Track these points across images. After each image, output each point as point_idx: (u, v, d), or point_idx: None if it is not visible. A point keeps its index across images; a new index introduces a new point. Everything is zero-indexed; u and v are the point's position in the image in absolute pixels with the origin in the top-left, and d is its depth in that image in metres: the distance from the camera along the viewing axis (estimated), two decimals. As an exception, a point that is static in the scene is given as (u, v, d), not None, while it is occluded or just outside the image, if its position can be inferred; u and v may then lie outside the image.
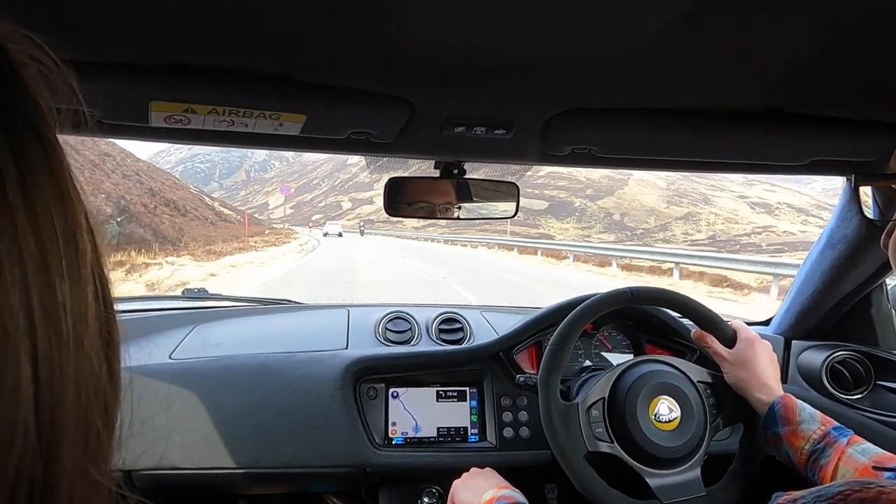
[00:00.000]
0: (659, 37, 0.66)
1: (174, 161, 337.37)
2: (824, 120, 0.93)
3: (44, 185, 0.23)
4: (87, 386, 0.24)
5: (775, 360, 1.09)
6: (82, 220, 0.25)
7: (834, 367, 1.35)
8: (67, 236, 0.23)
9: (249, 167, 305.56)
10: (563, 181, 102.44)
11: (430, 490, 1.28)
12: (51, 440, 0.22)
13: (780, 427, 0.97)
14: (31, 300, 0.21)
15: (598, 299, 1.17)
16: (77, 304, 0.23)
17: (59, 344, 0.22)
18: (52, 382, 0.22)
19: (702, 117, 0.92)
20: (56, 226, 0.23)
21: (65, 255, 0.23)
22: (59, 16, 0.62)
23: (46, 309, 0.22)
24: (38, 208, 0.22)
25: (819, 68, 0.76)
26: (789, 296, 1.48)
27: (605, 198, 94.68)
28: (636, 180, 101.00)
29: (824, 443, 0.93)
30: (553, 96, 0.87)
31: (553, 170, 17.65)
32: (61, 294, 0.22)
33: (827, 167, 1.14)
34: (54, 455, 0.22)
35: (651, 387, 1.08)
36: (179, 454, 1.13)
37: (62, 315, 0.22)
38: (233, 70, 0.76)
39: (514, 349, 1.33)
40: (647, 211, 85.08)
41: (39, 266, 0.22)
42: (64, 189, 0.24)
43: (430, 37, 0.68)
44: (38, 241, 0.22)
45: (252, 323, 1.60)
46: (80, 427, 0.24)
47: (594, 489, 1.04)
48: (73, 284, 0.23)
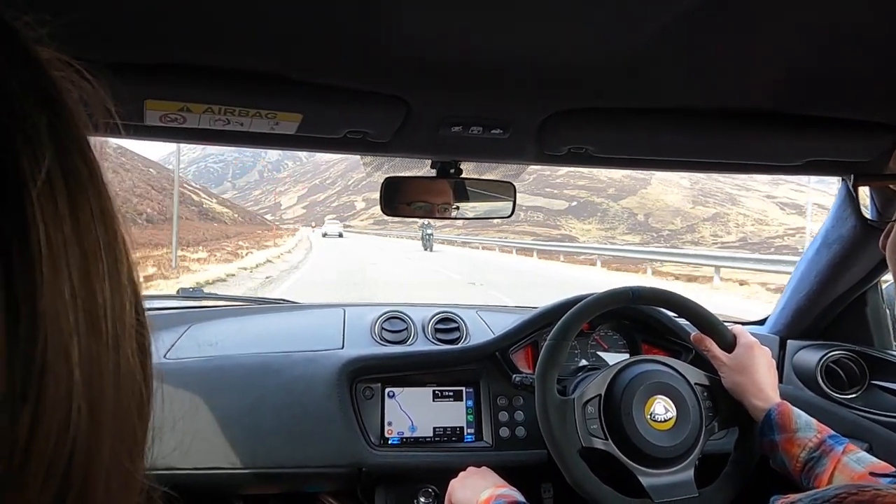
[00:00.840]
0: (656, 38, 0.66)
1: (187, 161, 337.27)
2: (819, 120, 0.94)
3: (88, 201, 0.25)
4: (124, 383, 0.26)
5: (773, 366, 1.09)
6: (120, 234, 0.27)
7: (829, 366, 1.36)
8: (108, 248, 0.25)
9: (262, 167, 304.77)
10: (584, 180, 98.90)
11: (426, 490, 1.28)
12: (92, 436, 0.24)
13: (777, 434, 0.97)
14: (77, 304, 0.23)
15: (600, 297, 1.18)
16: (116, 309, 0.25)
17: (99, 343, 0.24)
18: (92, 377, 0.24)
19: (698, 117, 0.93)
20: (98, 237, 0.25)
21: (106, 263, 0.25)
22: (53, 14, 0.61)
23: (88, 311, 0.24)
24: (82, 221, 0.24)
25: (814, 69, 0.77)
26: (784, 295, 1.48)
27: (627, 197, 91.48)
28: (659, 179, 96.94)
29: (820, 451, 0.93)
30: (549, 96, 0.87)
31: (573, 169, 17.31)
32: (102, 299, 0.24)
33: (822, 167, 1.14)
34: (95, 451, 0.24)
35: (648, 386, 1.08)
36: (174, 454, 1.12)
37: (102, 318, 0.24)
38: (229, 69, 0.76)
39: (510, 349, 1.33)
40: (672, 211, 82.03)
41: (83, 274, 0.24)
42: (105, 206, 0.26)
43: (426, 36, 0.67)
44: (82, 251, 0.24)
45: (247, 322, 1.60)
46: (118, 421, 0.26)
47: (587, 485, 1.04)
48: (113, 291, 0.25)
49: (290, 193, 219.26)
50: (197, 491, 1.18)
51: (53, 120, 0.24)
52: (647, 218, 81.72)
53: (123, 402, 0.26)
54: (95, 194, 0.25)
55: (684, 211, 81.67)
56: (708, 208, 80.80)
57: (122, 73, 0.73)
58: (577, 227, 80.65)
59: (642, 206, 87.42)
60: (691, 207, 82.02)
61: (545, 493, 1.34)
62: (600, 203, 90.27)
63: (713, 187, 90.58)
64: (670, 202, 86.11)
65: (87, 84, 0.27)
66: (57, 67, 0.26)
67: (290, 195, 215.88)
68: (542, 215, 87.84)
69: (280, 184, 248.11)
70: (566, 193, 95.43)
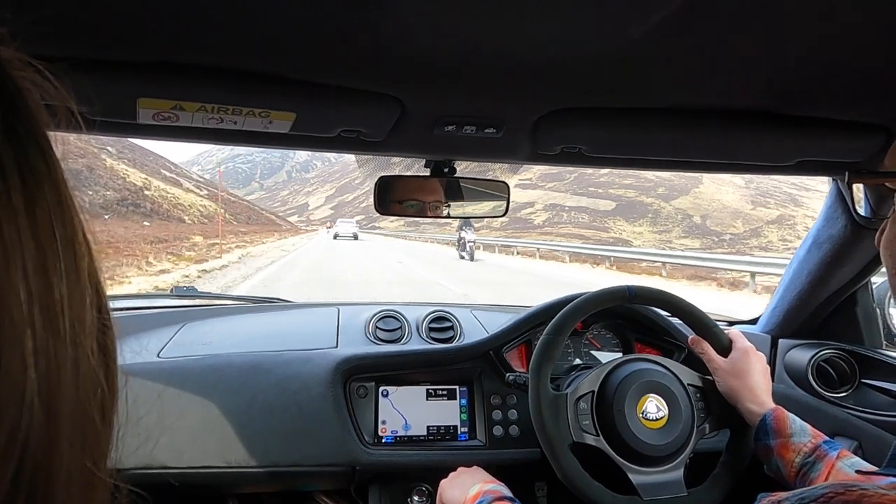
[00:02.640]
0: (648, 37, 0.66)
1: (215, 161, 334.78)
2: (811, 120, 0.94)
3: (44, 194, 0.25)
4: (84, 382, 0.25)
5: (768, 372, 1.10)
6: (80, 231, 0.27)
7: (820, 365, 1.37)
8: (66, 243, 0.25)
9: (291, 167, 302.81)
10: (630, 179, 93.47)
11: (419, 488, 1.28)
12: (49, 432, 0.23)
13: (772, 439, 0.98)
14: (32, 297, 0.23)
15: (596, 295, 1.18)
16: (75, 307, 0.25)
17: (57, 340, 0.24)
18: (49, 373, 0.23)
19: (691, 117, 0.93)
20: (55, 231, 0.25)
21: (63, 259, 0.25)
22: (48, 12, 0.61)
23: (44, 306, 0.23)
24: (38, 213, 0.24)
25: (806, 69, 0.77)
26: (776, 295, 1.49)
27: (679, 197, 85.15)
28: (711, 178, 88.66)
29: (815, 456, 0.93)
30: (543, 96, 0.87)
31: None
32: (59, 294, 0.24)
33: (813, 167, 1.15)
34: (54, 443, 0.23)
35: (640, 384, 1.09)
36: (168, 453, 1.12)
37: (59, 314, 0.24)
38: (221, 68, 0.76)
39: (503, 348, 1.33)
40: (730, 213, 76.00)
41: (39, 266, 0.23)
42: (63, 200, 0.26)
43: (420, 35, 0.68)
44: (38, 243, 0.24)
45: (241, 321, 1.59)
46: (78, 420, 0.25)
47: (576, 480, 1.05)
48: (71, 287, 0.25)
49: (317, 194, 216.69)
50: (191, 490, 1.18)
51: (9, 116, 0.24)
52: (705, 220, 75.22)
53: (83, 402, 0.25)
54: (54, 190, 0.25)
55: (744, 213, 75.49)
56: (770, 210, 75.05)
57: (115, 71, 0.73)
58: (627, 229, 74.30)
59: (697, 206, 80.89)
60: (751, 209, 75.89)
61: (539, 492, 1.35)
62: (650, 203, 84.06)
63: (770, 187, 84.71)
64: (727, 203, 79.89)
65: (49, 84, 0.27)
66: (17, 67, 0.26)
67: (317, 195, 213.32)
68: (588, 216, 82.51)
69: (308, 184, 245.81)
70: (612, 193, 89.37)
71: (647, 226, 76.17)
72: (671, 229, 74.05)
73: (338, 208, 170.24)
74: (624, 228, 74.37)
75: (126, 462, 1.09)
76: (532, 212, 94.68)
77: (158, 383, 1.18)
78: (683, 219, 77.35)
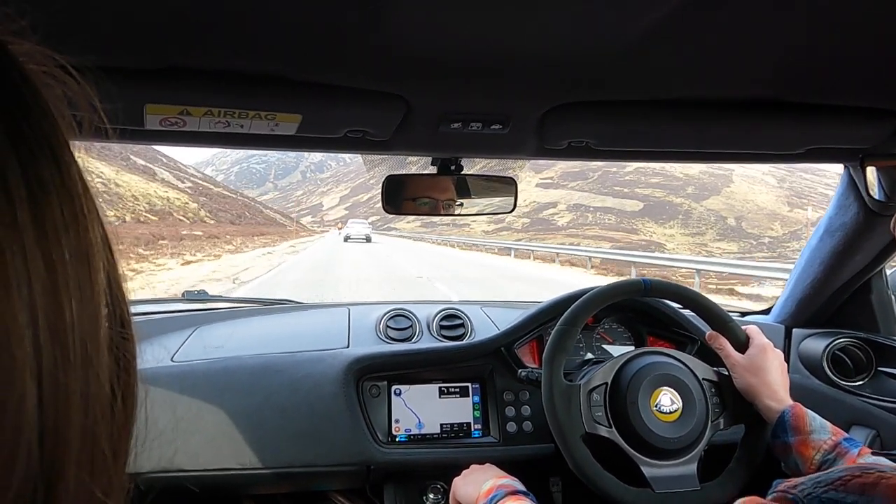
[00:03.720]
0: (654, 29, 0.66)
1: (230, 162, 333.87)
2: (820, 108, 0.93)
3: (55, 205, 0.23)
4: (94, 407, 0.24)
5: (786, 368, 1.09)
6: (97, 240, 0.25)
7: (835, 354, 1.36)
8: (80, 257, 0.23)
9: (305, 168, 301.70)
10: (657, 177, 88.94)
11: (434, 486, 1.28)
12: (55, 461, 0.22)
13: (790, 436, 0.97)
14: (38, 321, 0.21)
15: (612, 287, 1.18)
16: (87, 325, 0.23)
17: (66, 365, 0.22)
18: (57, 402, 0.22)
19: (698, 108, 0.92)
20: (67, 246, 0.23)
21: (75, 276, 0.23)
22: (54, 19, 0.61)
23: (54, 330, 0.22)
24: (48, 229, 0.22)
25: (814, 57, 0.76)
26: (789, 284, 1.48)
27: (710, 197, 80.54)
28: (742, 176, 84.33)
29: (835, 453, 0.92)
30: (548, 90, 0.87)
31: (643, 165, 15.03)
32: (70, 315, 0.22)
33: (823, 155, 1.14)
34: (58, 476, 0.22)
35: (654, 377, 1.09)
36: (184, 456, 1.13)
37: (70, 336, 0.22)
38: (227, 71, 0.76)
39: (515, 344, 1.33)
40: (767, 215, 71.88)
41: (48, 287, 0.22)
42: (78, 209, 0.24)
43: (424, 34, 0.67)
44: (48, 262, 0.22)
45: (253, 324, 1.60)
46: (87, 448, 0.23)
47: (588, 470, 1.04)
48: (84, 305, 0.23)
49: (332, 194, 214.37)
50: (207, 492, 1.19)
51: (16, 123, 0.22)
52: (740, 222, 70.70)
53: (93, 427, 0.24)
54: (66, 200, 0.23)
55: (781, 214, 71.37)
56: (804, 211, 70.71)
57: (122, 78, 0.73)
58: (657, 231, 70.26)
59: (730, 207, 76.39)
60: (788, 210, 71.73)
61: (554, 487, 1.34)
62: (680, 203, 79.80)
63: (804, 186, 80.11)
64: (762, 203, 75.12)
65: (72, 80, 0.25)
66: (37, 61, 0.24)
67: (332, 196, 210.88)
68: (614, 217, 78.37)
69: (322, 184, 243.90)
70: (638, 192, 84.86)
71: (678, 227, 72.28)
72: (704, 231, 70.08)
73: (352, 209, 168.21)
74: (654, 230, 70.48)
75: (144, 466, 1.10)
76: (555, 212, 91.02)
77: (173, 387, 1.19)
78: (717, 220, 72.93)
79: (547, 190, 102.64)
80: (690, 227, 73.01)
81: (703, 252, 46.40)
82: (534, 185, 46.23)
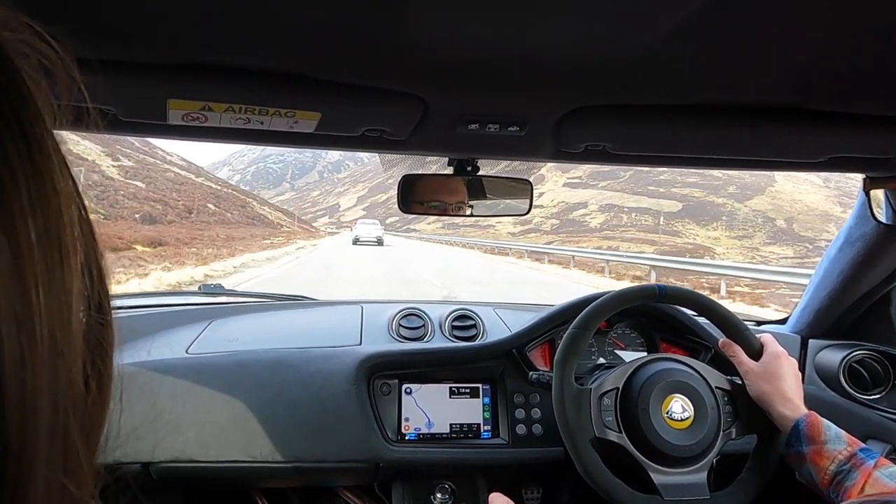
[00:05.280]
0: (674, 32, 0.66)
1: (247, 161, 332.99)
2: (842, 116, 0.92)
3: (22, 185, 0.21)
4: (65, 401, 0.22)
5: (800, 377, 1.08)
6: (70, 220, 0.23)
7: (852, 366, 1.34)
8: (49, 239, 0.22)
9: (322, 168, 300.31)
10: (695, 177, 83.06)
11: (442, 486, 1.28)
12: (22, 460, 0.20)
13: (804, 446, 0.96)
14: (2, 309, 0.20)
15: (626, 292, 1.17)
16: (56, 311, 0.22)
17: (33, 356, 0.21)
18: (23, 398, 0.20)
19: (718, 114, 0.92)
20: (34, 228, 0.21)
21: (42, 259, 0.21)
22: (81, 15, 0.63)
23: (19, 318, 0.20)
24: (14, 211, 0.21)
25: (838, 64, 0.75)
26: (806, 294, 1.46)
27: (754, 197, 74.48)
28: (786, 175, 76.49)
29: (850, 464, 0.90)
30: (566, 93, 0.87)
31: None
32: (36, 302, 0.21)
33: (845, 164, 1.13)
34: (27, 476, 0.21)
35: (666, 384, 1.08)
36: (196, 447, 1.14)
37: (36, 323, 0.21)
38: (249, 69, 0.77)
39: (527, 346, 1.33)
40: (819, 216, 66.25)
41: (12, 272, 0.20)
42: (49, 188, 0.22)
43: (444, 35, 0.68)
44: (13, 245, 0.20)
45: (267, 319, 1.62)
46: (57, 444, 0.22)
47: (597, 475, 1.04)
48: (53, 291, 0.22)
49: (349, 194, 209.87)
50: (217, 484, 1.21)
51: None
52: (791, 224, 64.43)
53: (64, 423, 0.22)
54: (35, 179, 0.22)
55: (834, 215, 64.98)
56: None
57: (146, 73, 0.75)
58: (700, 233, 64.10)
59: (777, 208, 69.98)
60: (842, 211, 64.67)
61: (563, 492, 1.34)
62: (722, 204, 73.80)
63: (852, 186, 75.74)
64: (811, 203, 69.51)
65: (49, 48, 0.23)
66: (11, 27, 0.22)
67: (349, 196, 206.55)
68: (651, 218, 73.44)
69: (339, 184, 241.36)
70: (675, 192, 79.40)
71: (722, 230, 67.06)
72: (752, 234, 64.88)
73: (370, 209, 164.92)
74: (697, 233, 65.45)
75: (157, 455, 1.12)
76: (586, 213, 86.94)
77: (187, 378, 1.21)
78: (765, 222, 67.46)
79: (575, 189, 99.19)
80: (736, 229, 67.21)
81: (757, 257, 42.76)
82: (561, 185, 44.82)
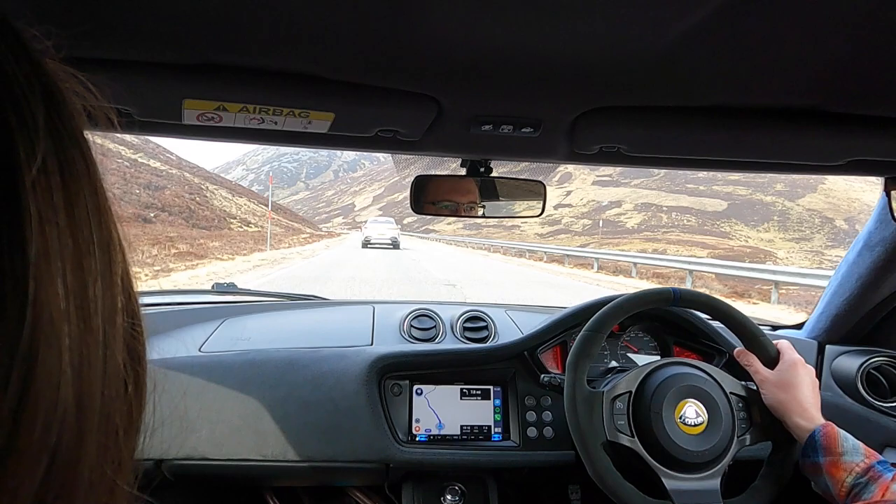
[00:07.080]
0: (690, 34, 0.65)
1: (261, 161, 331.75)
2: (862, 119, 0.91)
3: (84, 196, 0.24)
4: (111, 386, 0.25)
5: (817, 385, 1.06)
6: (116, 235, 0.27)
7: (870, 373, 1.31)
8: (102, 245, 0.25)
9: (338, 167, 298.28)
10: (737, 174, 78.13)
11: (452, 487, 1.28)
12: (80, 425, 0.23)
13: (821, 457, 0.94)
14: (69, 294, 0.23)
15: (640, 294, 1.16)
16: (107, 310, 0.25)
17: (90, 338, 0.24)
18: (81, 369, 0.23)
19: (734, 116, 0.91)
20: (92, 233, 0.25)
21: (98, 261, 0.25)
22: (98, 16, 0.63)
23: (79, 305, 0.23)
24: (77, 214, 0.24)
25: (857, 65, 0.74)
26: (823, 299, 1.44)
27: (806, 195, 69.19)
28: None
29: (867, 477, 0.89)
30: (581, 94, 0.86)
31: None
32: (93, 294, 0.24)
33: (865, 167, 1.11)
34: (82, 442, 0.23)
35: (680, 388, 1.07)
36: (208, 445, 1.15)
37: (93, 314, 0.24)
38: (263, 69, 0.77)
39: (538, 348, 1.32)
40: None
41: (76, 265, 0.23)
42: (101, 203, 0.26)
43: (458, 36, 0.68)
44: (76, 243, 0.23)
45: (279, 318, 1.62)
46: (103, 425, 0.25)
47: (608, 479, 1.03)
48: (105, 289, 0.25)
49: (364, 193, 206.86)
50: (229, 482, 1.21)
51: (52, 112, 0.24)
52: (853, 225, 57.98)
53: (109, 405, 0.25)
54: (91, 191, 0.25)
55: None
56: None
57: (161, 73, 0.75)
58: (751, 235, 58.74)
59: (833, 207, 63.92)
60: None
61: (573, 495, 1.33)
62: (772, 202, 68.21)
63: None
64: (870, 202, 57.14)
65: (91, 95, 0.27)
66: (61, 78, 0.26)
67: (364, 195, 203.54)
68: (695, 218, 68.28)
69: (355, 183, 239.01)
70: (718, 190, 74.05)
71: (775, 231, 61.78)
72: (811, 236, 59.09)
73: (386, 209, 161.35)
74: (748, 234, 59.78)
75: (168, 452, 1.13)
76: (621, 213, 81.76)
77: (200, 376, 1.22)
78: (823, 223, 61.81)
79: (606, 188, 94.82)
80: (791, 230, 61.59)
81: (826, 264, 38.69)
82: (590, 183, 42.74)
